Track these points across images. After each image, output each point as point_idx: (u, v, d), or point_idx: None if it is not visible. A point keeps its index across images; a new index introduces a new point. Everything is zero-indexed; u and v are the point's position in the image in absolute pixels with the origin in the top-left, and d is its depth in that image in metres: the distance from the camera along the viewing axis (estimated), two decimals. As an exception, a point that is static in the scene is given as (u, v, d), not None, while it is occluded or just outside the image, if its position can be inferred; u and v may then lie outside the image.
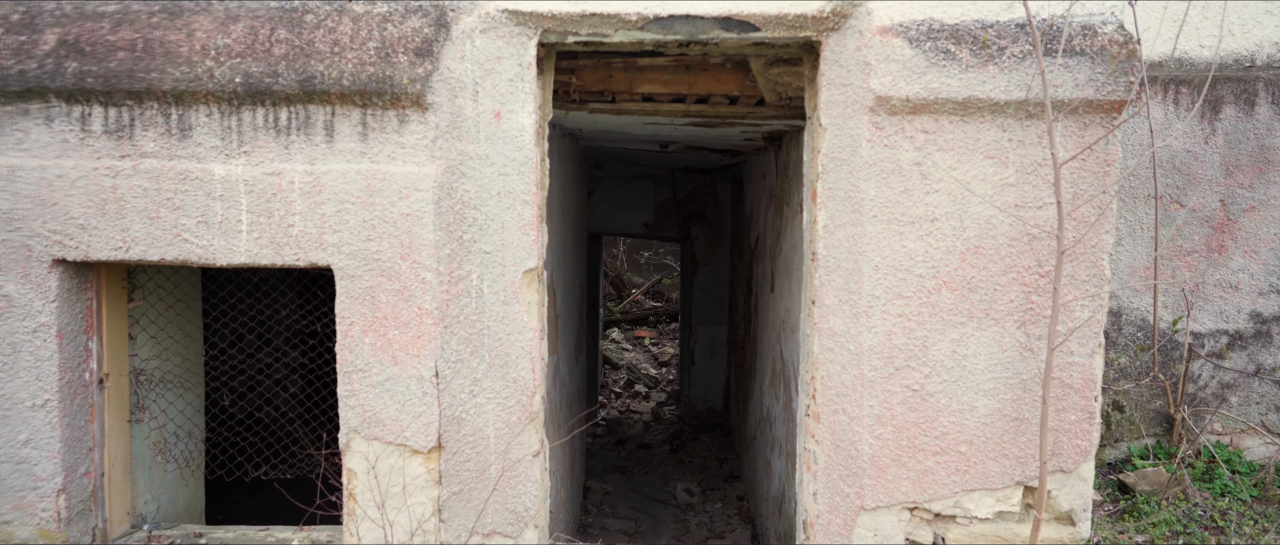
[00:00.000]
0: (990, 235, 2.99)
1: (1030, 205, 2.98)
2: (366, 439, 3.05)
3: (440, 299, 3.02)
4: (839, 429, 3.11)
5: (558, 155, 5.70)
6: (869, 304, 3.03)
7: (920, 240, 3.00)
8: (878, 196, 3.00)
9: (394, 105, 2.96)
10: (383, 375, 3.04)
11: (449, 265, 3.03)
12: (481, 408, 3.11)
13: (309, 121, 2.97)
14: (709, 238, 9.79)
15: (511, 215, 3.09)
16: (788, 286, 5.39)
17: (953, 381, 3.03)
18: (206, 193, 2.98)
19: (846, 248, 3.06)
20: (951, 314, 3.01)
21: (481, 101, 3.01)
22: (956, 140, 2.97)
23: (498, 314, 3.10)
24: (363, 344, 3.02)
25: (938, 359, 3.03)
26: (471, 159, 3.03)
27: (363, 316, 3.01)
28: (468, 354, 3.08)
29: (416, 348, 3.03)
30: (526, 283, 3.15)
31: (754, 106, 4.10)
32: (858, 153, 3.00)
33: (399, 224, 2.99)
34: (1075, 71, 2.90)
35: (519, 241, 3.11)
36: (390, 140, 2.99)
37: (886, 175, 2.99)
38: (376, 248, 2.99)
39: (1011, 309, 3.00)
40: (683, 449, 9.29)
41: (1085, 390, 3.02)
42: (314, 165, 2.98)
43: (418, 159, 2.99)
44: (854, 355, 3.06)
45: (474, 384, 3.10)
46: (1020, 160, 2.97)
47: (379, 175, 2.98)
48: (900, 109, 2.95)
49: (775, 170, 6.08)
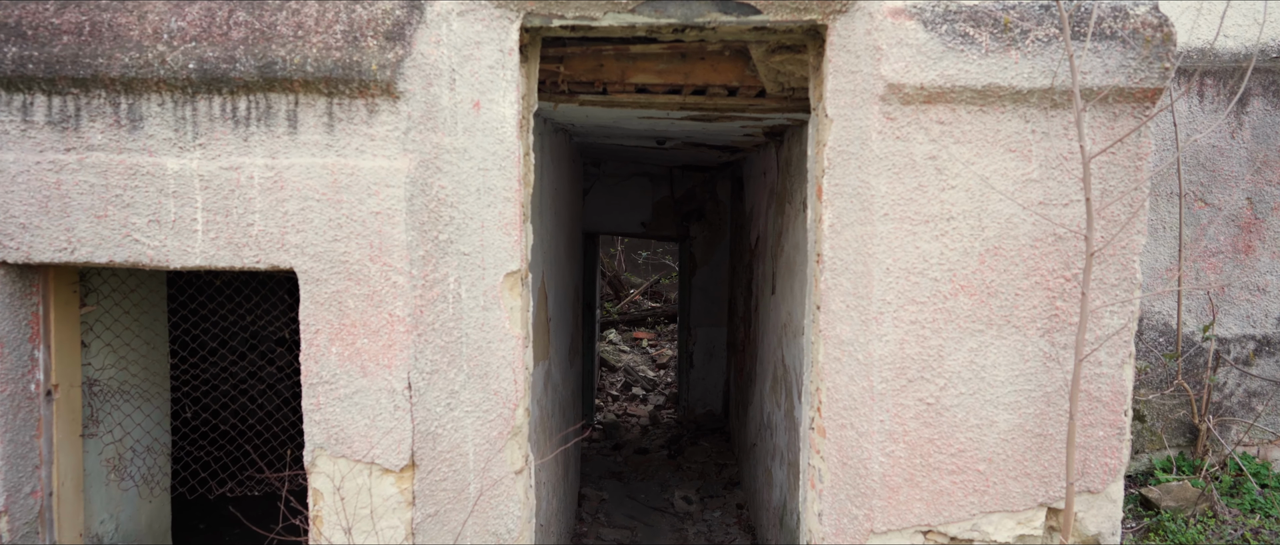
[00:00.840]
0: (1011, 235, 2.75)
1: (1055, 203, 2.73)
2: (333, 456, 2.81)
3: (413, 304, 2.78)
4: (846, 445, 2.87)
5: (549, 151, 5.46)
6: (879, 310, 2.79)
7: (935, 241, 2.76)
8: (889, 193, 2.76)
9: (362, 94, 2.72)
10: (351, 387, 2.80)
11: (423, 268, 2.79)
12: (459, 422, 2.87)
13: (270, 112, 2.73)
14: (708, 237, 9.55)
15: (492, 214, 2.85)
16: (789, 288, 5.15)
17: (970, 394, 2.79)
18: (159, 189, 2.73)
19: (855, 249, 2.82)
20: (969, 321, 2.77)
21: (459, 90, 2.77)
22: (975, 132, 2.73)
23: (477, 320, 2.86)
24: (329, 353, 2.78)
25: (954, 370, 2.79)
26: (448, 152, 2.79)
27: (329, 323, 2.77)
28: (444, 364, 2.84)
29: (387, 357, 2.79)
30: (509, 286, 2.91)
31: (754, 98, 3.86)
32: (867, 146, 2.76)
33: (368, 223, 2.75)
34: (1105, 57, 2.66)
35: (500, 242, 2.87)
36: (359, 132, 2.75)
37: (898, 170, 2.75)
38: (344, 249, 2.75)
39: (1034, 315, 2.76)
40: (681, 454, 9.05)
41: (1114, 404, 2.78)
42: (275, 159, 2.74)
43: (389, 152, 2.75)
44: (863, 365, 2.82)
45: (451, 396, 2.86)
46: (1044, 154, 2.73)
47: (346, 170, 2.74)
48: (914, 98, 2.71)
49: (776, 167, 5.84)
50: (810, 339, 3.15)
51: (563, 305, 6.63)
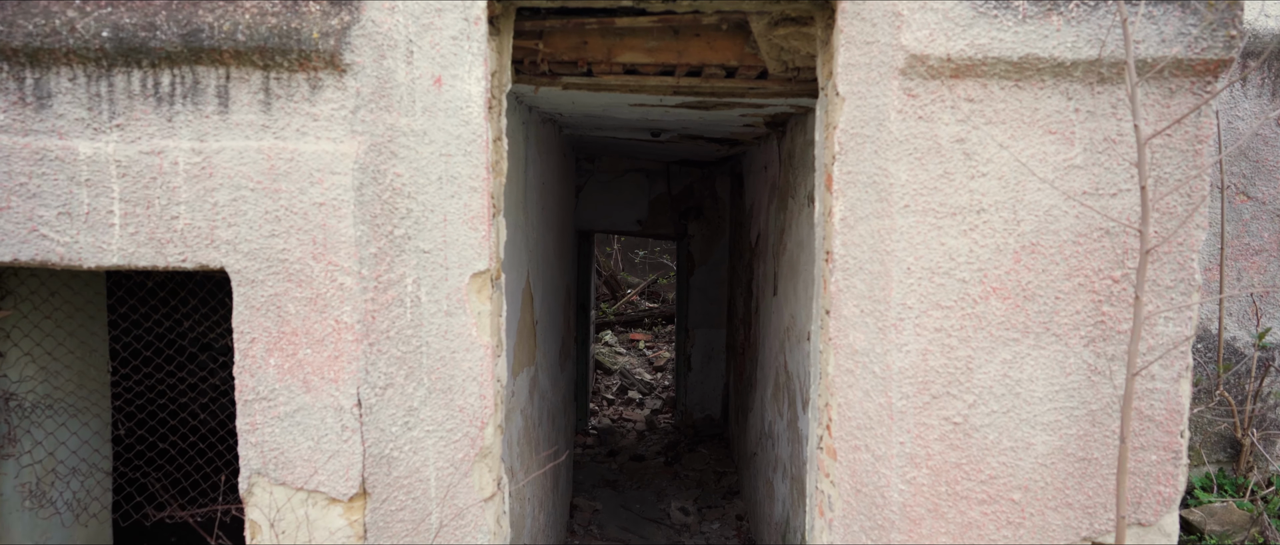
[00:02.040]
0: (1051, 230, 2.39)
1: (1101, 192, 2.38)
2: (272, 483, 2.45)
3: (364, 309, 2.42)
4: (861, 469, 2.51)
5: (535, 143, 5.10)
6: (899, 316, 2.43)
7: (963, 236, 2.41)
8: (910, 182, 2.40)
9: (303, 66, 2.36)
10: (292, 405, 2.44)
11: (375, 267, 2.43)
12: (418, 443, 2.52)
13: (197, 87, 2.37)
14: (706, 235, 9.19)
15: (456, 206, 2.49)
16: (793, 289, 4.79)
17: (1003, 413, 2.43)
18: (70, 177, 2.37)
19: (871, 246, 2.46)
20: (1002, 328, 2.41)
21: (417, 64, 2.42)
22: (1010, 110, 2.37)
23: (439, 328, 2.51)
24: (266, 366, 2.42)
25: (985, 384, 2.43)
26: (404, 135, 2.43)
27: (266, 331, 2.41)
28: (400, 377, 2.49)
29: (333, 370, 2.43)
30: (476, 288, 2.56)
31: (755, 80, 3.50)
32: (885, 127, 2.40)
33: (310, 216, 2.39)
34: (1162, 23, 2.30)
35: (465, 238, 2.51)
36: (300, 111, 2.39)
37: (921, 155, 2.39)
38: (282, 246, 2.39)
39: (1077, 322, 2.40)
40: (678, 461, 8.69)
41: (1169, 424, 2.42)
42: (204, 142, 2.38)
43: (334, 134, 2.39)
44: (880, 379, 2.46)
45: (409, 414, 2.50)
46: (1089, 136, 2.37)
47: (286, 155, 2.38)
48: (939, 71, 2.35)
49: (778, 160, 5.48)
50: (818, 347, 2.80)
51: (552, 307, 6.27)
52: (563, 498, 7.02)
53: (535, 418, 5.22)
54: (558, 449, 6.61)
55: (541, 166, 5.39)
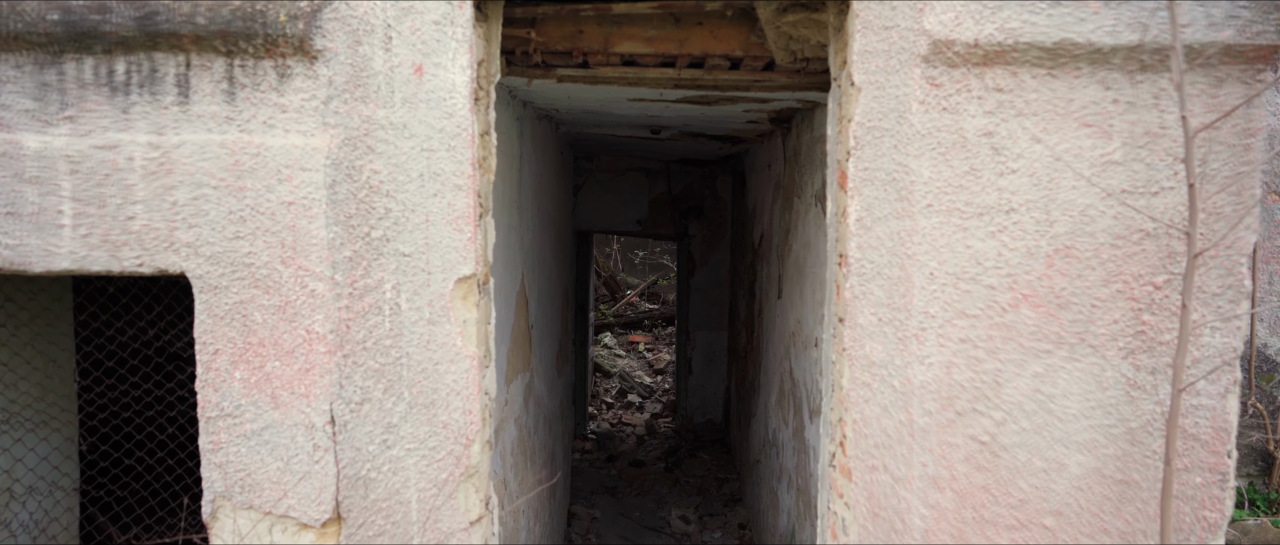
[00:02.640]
0: (1087, 231, 2.19)
1: (1142, 190, 2.18)
2: (238, 507, 2.25)
3: (337, 318, 2.22)
4: (878, 491, 2.31)
5: (531, 140, 4.90)
6: (921, 325, 2.23)
7: (991, 238, 2.21)
8: (933, 179, 2.20)
9: (270, 52, 2.16)
10: (259, 422, 2.24)
11: (350, 272, 2.23)
12: (398, 463, 2.32)
13: (155, 76, 2.17)
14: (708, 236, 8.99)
15: (439, 205, 2.30)
16: (799, 293, 4.59)
17: (1035, 431, 2.23)
18: (15, 173, 2.17)
19: (889, 249, 2.26)
20: (1033, 339, 2.21)
21: (396, 51, 2.22)
22: (1042, 101, 2.17)
23: (421, 337, 2.31)
24: (231, 380, 2.22)
25: (1015, 400, 2.23)
26: (382, 128, 2.23)
27: (231, 342, 2.21)
28: (378, 392, 2.29)
29: (304, 384, 2.23)
30: (461, 295, 2.36)
31: (761, 72, 3.30)
32: (906, 120, 2.21)
33: (279, 216, 2.19)
34: (1210, 5, 2.10)
35: (450, 240, 2.31)
36: (267, 101, 2.19)
37: (945, 150, 2.19)
38: (248, 248, 2.19)
39: (1115, 332, 2.20)
40: (679, 467, 8.50)
41: (1216, 443, 2.22)
42: (163, 136, 2.18)
43: (305, 127, 2.19)
44: (900, 394, 2.26)
45: (388, 432, 2.30)
46: (1128, 129, 2.17)
47: (251, 149, 2.18)
48: (965, 58, 2.16)
49: (783, 158, 5.28)
50: (829, 357, 2.60)
51: (549, 310, 6.07)
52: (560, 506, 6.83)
53: (530, 426, 5.02)
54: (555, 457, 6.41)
55: (537, 164, 5.19)
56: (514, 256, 4.50)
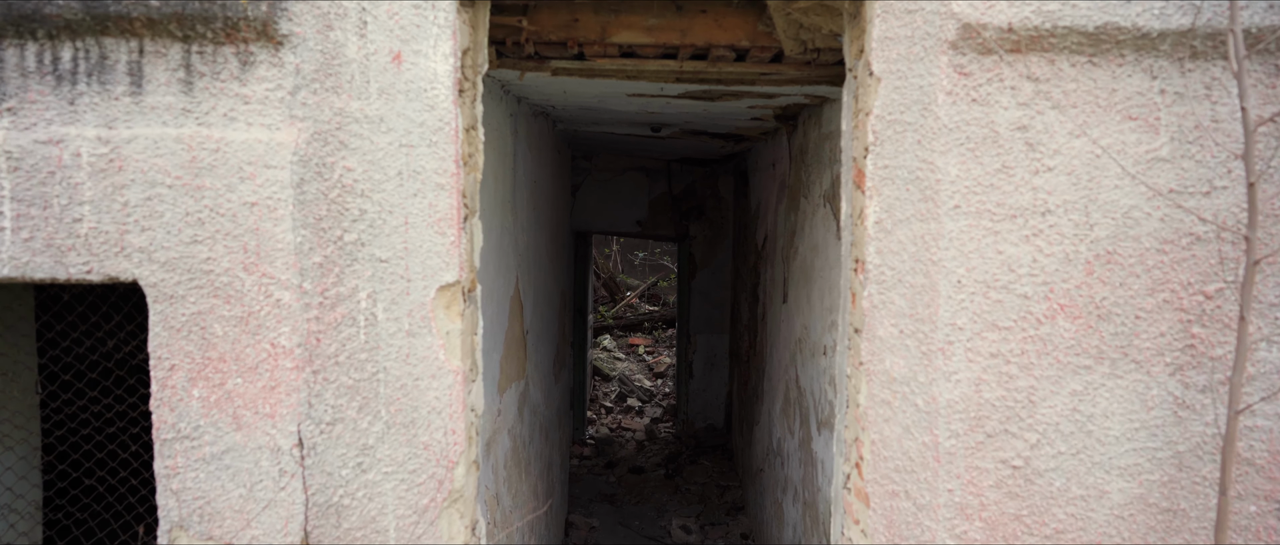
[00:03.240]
0: (1131, 235, 1.99)
1: (1192, 190, 1.98)
2: (196, 538, 2.05)
3: (306, 330, 2.02)
4: (899, 519, 2.11)
5: (525, 138, 4.70)
6: (947, 338, 2.03)
7: (1025, 243, 2.01)
8: (961, 178, 2.00)
9: (231, 38, 1.96)
10: (220, 445, 2.04)
11: (320, 280, 2.03)
12: (374, 488, 2.12)
13: (105, 64, 1.97)
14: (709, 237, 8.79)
15: (419, 206, 2.10)
16: (806, 298, 4.39)
17: (1072, 455, 2.03)
18: (-50, 171, 1.97)
19: (912, 254, 2.06)
20: (1072, 354, 2.01)
21: (372, 37, 2.02)
22: (1082, 92, 1.97)
23: (399, 350, 2.11)
24: (189, 398, 2.02)
25: (1050, 421, 2.03)
26: (356, 122, 2.03)
27: (189, 357, 2.01)
28: (352, 411, 2.09)
29: (269, 403, 2.03)
30: (444, 304, 2.16)
31: (769, 64, 3.10)
32: (931, 113, 2.01)
33: (240, 218, 1.99)
34: (1270, -15, 1.90)
35: (431, 244, 2.12)
36: (228, 92, 1.99)
37: (975, 146, 2.00)
38: (206, 254, 1.99)
39: (1162, 347, 2.00)
40: (679, 474, 8.30)
41: (1272, 469, 2.02)
42: (113, 130, 1.98)
43: (270, 120, 1.99)
44: (924, 414, 2.06)
45: (362, 454, 2.10)
46: (1177, 122, 1.97)
47: (210, 144, 1.98)
48: (998, 44, 1.96)
49: (788, 157, 5.08)
50: (844, 370, 2.40)
51: (545, 314, 5.87)
52: (557, 516, 6.63)
53: (525, 436, 4.82)
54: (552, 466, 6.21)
55: (532, 163, 4.99)
56: (507, 259, 4.30)
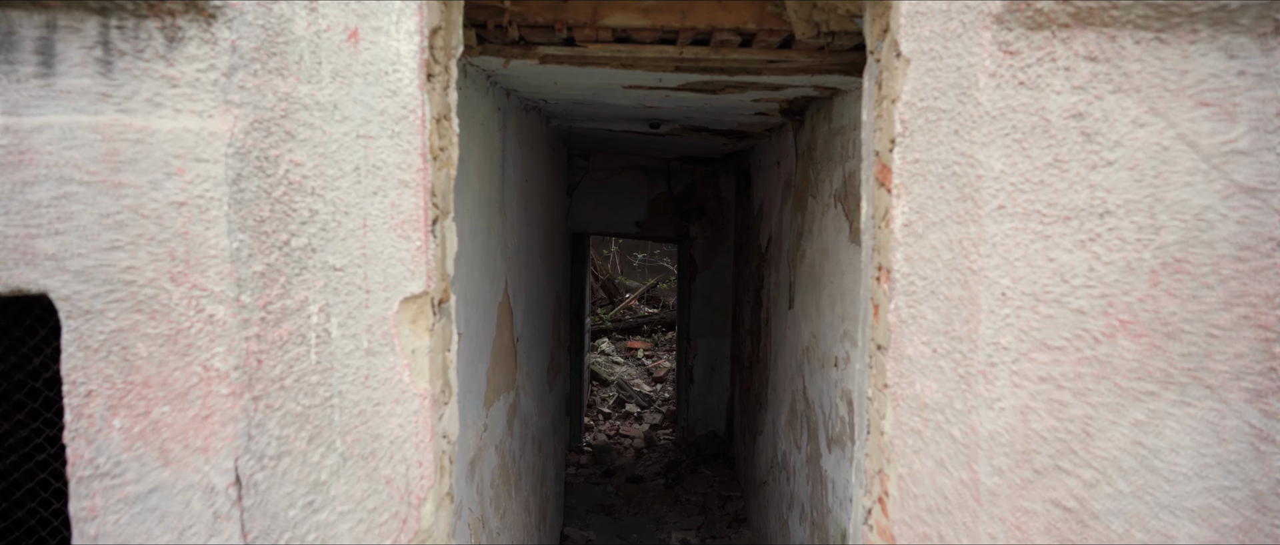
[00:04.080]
0: (1203, 240, 1.71)
1: (1276, 188, 1.70)
2: (120, 592, 1.77)
3: (245, 350, 1.74)
4: (931, 567, 1.83)
5: (515, 133, 4.42)
6: (990, 359, 1.75)
7: (1080, 249, 1.73)
8: (1006, 173, 1.73)
9: (155, 10, 1.69)
10: (144, 483, 1.76)
11: (262, 292, 1.75)
12: (329, 530, 1.84)
13: (10, 40, 1.69)
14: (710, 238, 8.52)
15: (380, 206, 1.82)
16: (814, 304, 4.11)
17: (1134, 494, 1.75)
18: None
19: (948, 262, 1.78)
20: (1134, 378, 1.74)
21: (323, 11, 1.74)
22: (1148, 74, 1.70)
23: (357, 372, 1.84)
24: (108, 429, 1.74)
25: (1109, 456, 1.75)
26: (306, 109, 1.76)
27: (107, 381, 1.73)
28: (301, 442, 1.81)
29: (202, 435, 1.75)
30: (409, 317, 1.89)
31: (777, 51, 2.82)
32: (971, 98, 1.73)
33: (167, 220, 1.71)
34: (1371, -53, 1.63)
35: (394, 250, 1.84)
36: (151, 73, 1.71)
37: (1022, 136, 1.72)
38: (127, 262, 1.72)
39: (1239, 369, 1.73)
40: (679, 483, 8.02)
41: (1368, 511, 1.74)
42: (18, 117, 1.70)
43: (201, 106, 1.71)
44: (962, 446, 1.79)
45: (314, 492, 1.83)
46: (1259, 109, 1.69)
47: (132, 134, 1.70)
48: (1050, 19, 1.68)
49: (794, 154, 4.80)
50: (863, 390, 2.12)
51: (538, 319, 5.59)
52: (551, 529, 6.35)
53: (515, 450, 4.54)
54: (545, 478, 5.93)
55: (523, 161, 4.71)
56: (495, 263, 4.02)
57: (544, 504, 5.83)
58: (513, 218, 4.43)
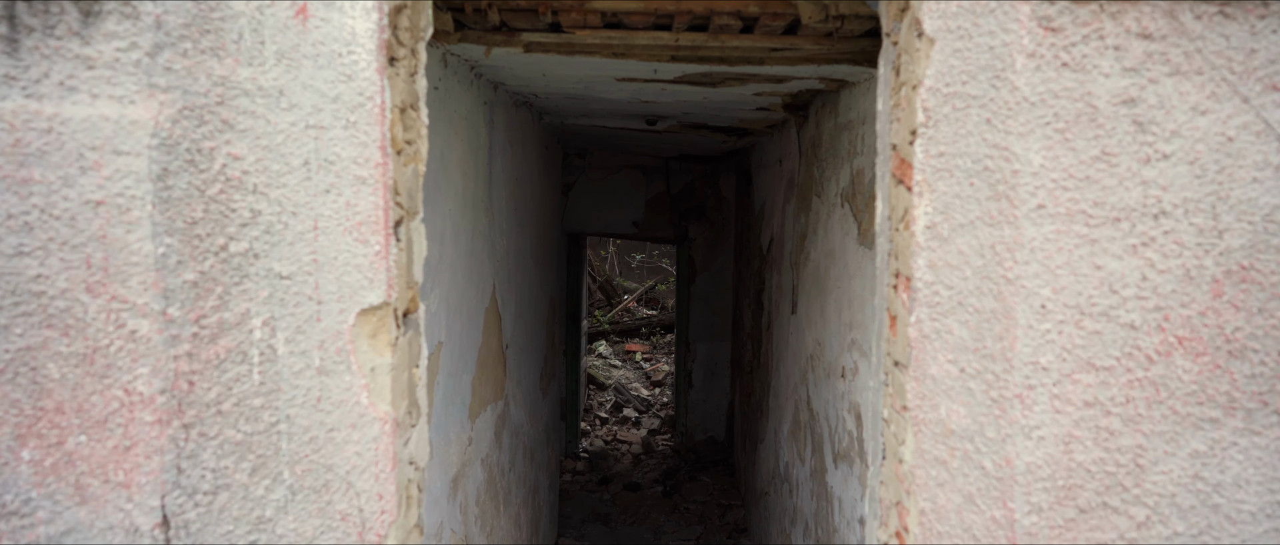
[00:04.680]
0: (1274, 245, 1.49)
1: (1357, 185, 1.48)
2: (31, 647, 1.55)
3: (174, 371, 1.53)
4: (959, 616, 1.61)
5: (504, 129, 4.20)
6: (1027, 381, 1.53)
7: (1132, 255, 1.51)
8: (1047, 168, 1.51)
9: (67, -21, 1.47)
10: (58, 523, 1.54)
11: (195, 304, 1.53)
12: (274, 574, 1.62)
13: (-99, 14, 1.47)
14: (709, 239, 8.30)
15: (333, 206, 1.61)
16: (819, 310, 3.89)
17: (1194, 536, 1.53)
18: None
19: (978, 269, 1.56)
20: (1193, 403, 1.52)
21: (266, -17, 1.53)
22: (1211, 54, 1.48)
23: (307, 394, 1.62)
24: (16, 461, 1.52)
25: (1165, 492, 1.53)
26: (246, 94, 1.54)
27: (15, 407, 1.51)
28: (242, 474, 1.59)
29: (124, 469, 1.53)
30: (368, 332, 1.67)
31: (781, 36, 2.60)
32: (1006, 82, 1.51)
33: (82, 222, 1.49)
34: None
35: (350, 256, 1.63)
36: (64, 53, 1.49)
37: (1066, 125, 1.50)
38: (37, 270, 1.50)
39: (1314, 393, 1.51)
40: (678, 491, 7.80)
41: None
42: (-88, 103, 1.48)
43: (121, 90, 1.49)
44: (994, 480, 1.57)
45: (257, 530, 1.61)
46: (1337, 94, 1.47)
47: (40, 122, 1.48)
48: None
49: (798, 151, 4.58)
50: (877, 410, 1.91)
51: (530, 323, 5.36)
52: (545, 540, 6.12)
53: (504, 463, 4.32)
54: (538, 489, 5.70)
55: (513, 159, 4.49)
56: (482, 266, 3.80)
57: (536, 516, 5.61)
58: (501, 218, 4.21)
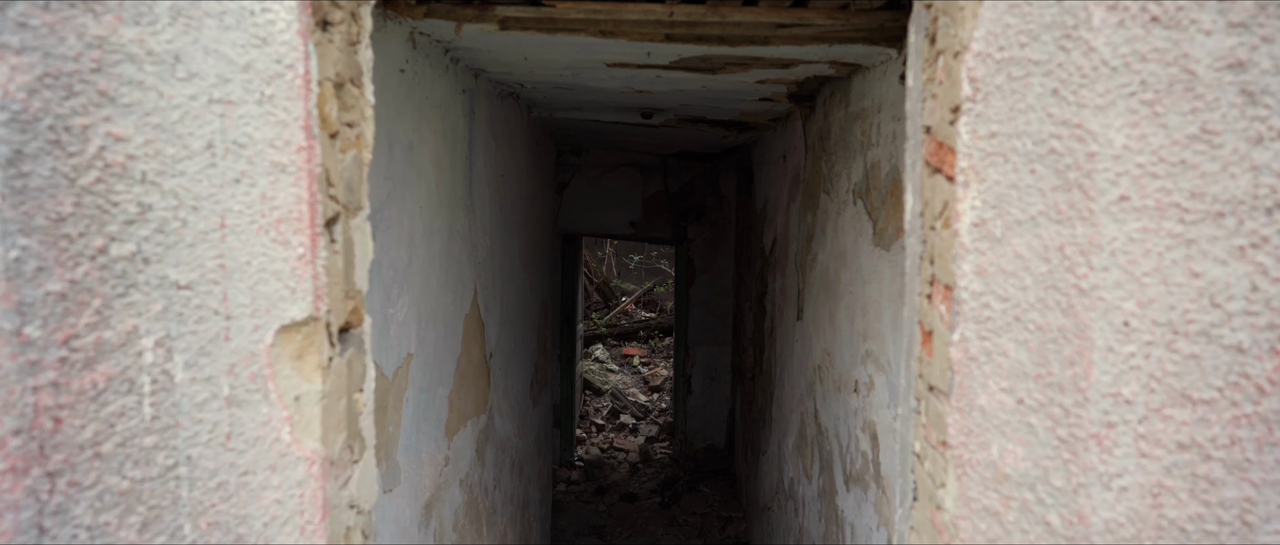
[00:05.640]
0: None
1: None
2: None
3: (34, 404, 1.22)
4: None
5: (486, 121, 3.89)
6: (1105, 417, 1.23)
7: (1238, 259, 1.20)
8: (1132, 150, 1.20)
9: (-110, -90, 1.16)
10: (-111, 598, 1.23)
11: (61, 321, 1.23)
12: (171, 652, 1.31)
13: None
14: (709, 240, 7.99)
15: (245, 199, 1.31)
16: (827, 317, 3.58)
17: (1315, 612, 1.23)
18: None
19: (1042, 276, 1.26)
20: (1315, 444, 1.21)
21: (156, -78, 1.22)
22: (1341, 4, 1.17)
23: (214, 430, 1.32)
24: None
25: (1279, 556, 1.22)
26: (131, 60, 1.24)
27: None
28: (129, 532, 1.29)
29: (-30, 530, 1.22)
30: (293, 353, 1.38)
31: (789, 10, 2.29)
32: (1079, 42, 1.21)
33: (-88, 218, 1.18)
34: None
35: (266, 260, 1.33)
36: (-109, 4, 1.18)
37: (1156, 97, 1.19)
38: None
39: None
40: (676, 502, 7.49)
41: None
42: None
43: (-37, 53, 1.19)
44: (1063, 541, 1.26)
45: (149, 599, 1.30)
46: None
47: None
48: (1200, -78, 1.15)
49: (804, 146, 4.27)
50: (910, 444, 1.61)
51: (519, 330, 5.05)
52: (536, 558, 5.81)
53: (487, 481, 4.01)
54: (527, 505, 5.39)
55: (497, 154, 4.18)
56: (461, 269, 3.49)
57: (526, 534, 5.30)
58: (484, 217, 3.90)
